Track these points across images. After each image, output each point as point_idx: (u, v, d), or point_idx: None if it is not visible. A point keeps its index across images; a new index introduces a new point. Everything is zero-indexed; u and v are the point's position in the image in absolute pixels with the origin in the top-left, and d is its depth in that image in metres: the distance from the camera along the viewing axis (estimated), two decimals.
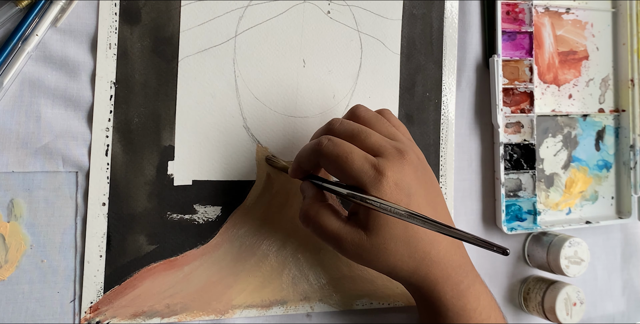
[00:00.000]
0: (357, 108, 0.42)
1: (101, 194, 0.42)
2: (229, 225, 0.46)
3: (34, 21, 0.41)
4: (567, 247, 0.54)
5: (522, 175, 0.57)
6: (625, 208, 0.62)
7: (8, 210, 0.41)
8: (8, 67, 0.40)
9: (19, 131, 0.41)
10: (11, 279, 0.41)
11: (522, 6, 0.57)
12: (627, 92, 0.62)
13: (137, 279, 0.43)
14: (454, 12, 0.54)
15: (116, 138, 0.43)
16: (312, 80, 0.49)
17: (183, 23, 0.45)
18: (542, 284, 0.56)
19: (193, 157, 0.45)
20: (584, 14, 0.61)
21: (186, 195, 0.45)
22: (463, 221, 0.55)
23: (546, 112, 0.59)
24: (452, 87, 0.54)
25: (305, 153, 0.40)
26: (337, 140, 0.38)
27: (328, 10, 0.49)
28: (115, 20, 0.43)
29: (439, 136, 0.53)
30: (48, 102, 0.41)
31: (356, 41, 0.50)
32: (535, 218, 0.56)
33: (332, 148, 0.38)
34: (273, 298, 0.47)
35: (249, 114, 0.47)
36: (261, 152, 0.47)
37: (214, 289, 0.45)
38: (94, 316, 0.42)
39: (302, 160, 0.41)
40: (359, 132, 0.39)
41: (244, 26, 0.47)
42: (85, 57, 0.42)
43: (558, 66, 0.60)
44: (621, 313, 0.64)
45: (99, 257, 0.42)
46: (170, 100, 0.45)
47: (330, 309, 0.49)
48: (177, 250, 0.45)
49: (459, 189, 0.55)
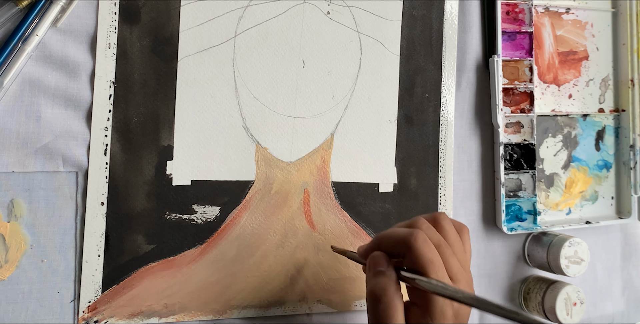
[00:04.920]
0: (443, 218, 0.41)
1: (100, 193, 0.43)
2: (228, 225, 0.46)
3: (34, 21, 0.41)
4: (567, 247, 0.54)
5: (522, 175, 0.57)
6: (625, 208, 0.62)
7: (8, 210, 0.41)
8: (8, 67, 0.40)
9: (19, 131, 0.41)
10: (11, 279, 0.41)
11: (522, 6, 0.57)
12: (627, 92, 0.62)
13: (135, 279, 0.43)
14: (454, 13, 0.54)
15: (115, 137, 0.43)
16: (311, 80, 0.49)
17: (183, 23, 0.45)
18: (542, 284, 0.56)
19: (192, 156, 0.45)
20: (584, 14, 0.61)
21: (185, 194, 0.45)
22: (463, 221, 0.55)
23: (546, 112, 0.59)
24: (451, 88, 0.54)
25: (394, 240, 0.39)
26: (432, 246, 0.38)
27: (328, 11, 0.49)
28: (114, 20, 0.43)
29: (438, 137, 0.53)
30: (48, 102, 0.42)
31: (356, 42, 0.50)
32: (535, 218, 0.56)
33: (428, 251, 0.37)
34: (271, 299, 0.47)
35: (248, 114, 0.47)
36: (260, 152, 0.47)
37: (212, 289, 0.45)
38: (91, 316, 0.42)
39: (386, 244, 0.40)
40: (445, 249, 0.39)
41: (244, 26, 0.47)
42: (85, 57, 0.42)
43: (558, 66, 0.60)
44: (621, 313, 0.64)
45: (97, 256, 0.42)
46: (169, 100, 0.45)
47: (329, 310, 0.49)
48: (176, 249, 0.45)
49: (459, 189, 0.55)
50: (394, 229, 0.40)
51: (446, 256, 0.38)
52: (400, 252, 0.39)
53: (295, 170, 0.48)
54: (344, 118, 0.50)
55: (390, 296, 0.38)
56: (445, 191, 0.54)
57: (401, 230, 0.39)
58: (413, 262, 0.38)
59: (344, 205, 0.50)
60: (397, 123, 0.52)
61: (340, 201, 0.50)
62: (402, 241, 0.38)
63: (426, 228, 0.39)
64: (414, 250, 0.37)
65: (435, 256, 0.37)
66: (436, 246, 0.38)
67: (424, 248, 0.37)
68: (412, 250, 0.37)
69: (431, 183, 0.53)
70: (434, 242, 0.38)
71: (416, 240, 0.37)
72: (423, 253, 0.37)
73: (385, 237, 0.40)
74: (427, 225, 0.40)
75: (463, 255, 0.41)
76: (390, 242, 0.39)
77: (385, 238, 0.40)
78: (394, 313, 0.38)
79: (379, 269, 0.39)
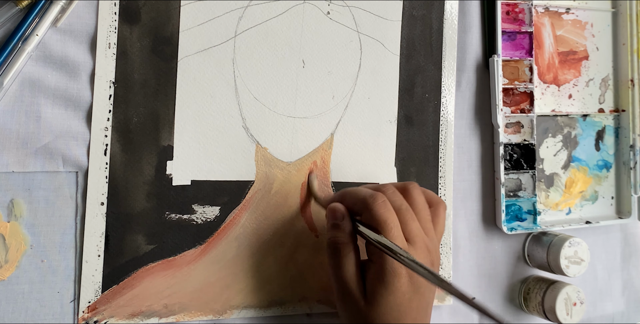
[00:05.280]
0: (413, 187, 0.43)
1: (100, 193, 0.43)
2: (228, 225, 0.46)
3: (34, 21, 0.41)
4: (567, 247, 0.54)
5: (522, 175, 0.57)
6: (625, 208, 0.62)
7: (8, 210, 0.41)
8: (8, 67, 0.40)
9: (19, 131, 0.41)
10: (11, 280, 0.41)
11: (522, 6, 0.57)
12: (627, 92, 0.62)
13: (135, 279, 0.43)
14: (454, 13, 0.54)
15: (115, 137, 0.43)
16: (311, 80, 0.49)
17: (182, 23, 0.45)
18: (542, 284, 0.56)
19: (192, 156, 0.45)
20: (584, 14, 0.61)
21: (185, 195, 0.45)
22: (463, 221, 0.55)
23: (546, 112, 0.59)
24: (451, 88, 0.54)
25: (355, 197, 0.42)
26: (390, 207, 0.40)
27: (328, 11, 0.49)
28: (114, 20, 0.43)
29: (438, 137, 0.53)
30: (48, 102, 0.42)
31: (356, 42, 0.50)
32: (535, 218, 0.56)
33: (384, 211, 0.40)
34: (271, 299, 0.47)
35: (248, 114, 0.47)
36: (260, 152, 0.47)
37: (212, 289, 0.45)
38: (91, 316, 0.42)
39: (348, 200, 0.42)
40: (405, 212, 0.41)
41: (244, 26, 0.47)
42: (85, 57, 0.42)
43: (558, 66, 0.60)
44: (621, 313, 0.64)
45: (97, 257, 0.42)
46: (169, 100, 0.45)
47: (329, 310, 0.49)
48: (176, 250, 0.45)
49: (459, 189, 0.55)
50: (359, 188, 0.43)
51: (406, 219, 0.41)
52: (359, 210, 0.41)
53: (295, 170, 0.48)
54: (344, 118, 0.50)
55: (343, 247, 0.41)
56: (445, 191, 0.54)
57: (364, 190, 0.42)
58: (369, 221, 0.40)
59: None
60: (397, 123, 0.52)
61: None
62: (361, 200, 0.41)
63: (390, 194, 0.42)
64: (370, 209, 0.40)
65: (391, 217, 0.40)
66: (396, 209, 0.41)
67: (380, 209, 0.40)
68: (368, 209, 0.40)
69: (431, 183, 0.53)
70: (394, 206, 0.41)
71: (374, 201, 0.40)
72: (378, 213, 0.40)
73: (348, 194, 0.43)
74: (392, 190, 0.42)
75: (427, 222, 0.43)
76: (352, 199, 0.42)
77: (348, 194, 0.43)
78: (347, 263, 0.41)
79: (335, 221, 0.42)
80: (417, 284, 0.40)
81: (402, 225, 0.40)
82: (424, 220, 0.42)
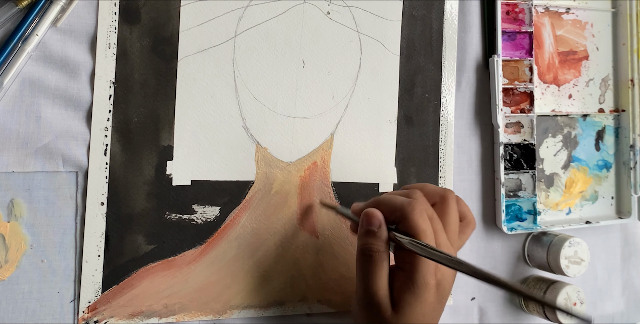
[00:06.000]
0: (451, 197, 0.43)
1: (100, 194, 0.43)
2: (228, 226, 0.46)
3: (34, 21, 0.41)
4: (567, 247, 0.54)
5: (522, 175, 0.57)
6: (625, 208, 0.62)
7: (8, 210, 0.41)
8: (8, 67, 0.40)
9: (19, 131, 0.41)
10: (11, 280, 0.41)
11: (522, 6, 0.57)
12: (627, 92, 0.62)
13: (135, 279, 0.43)
14: (454, 13, 0.54)
15: (115, 137, 0.43)
16: (311, 80, 0.49)
17: (183, 23, 0.45)
18: (542, 284, 0.56)
19: (192, 157, 0.45)
20: (584, 14, 0.61)
21: (185, 195, 0.45)
22: None
23: (546, 112, 0.59)
24: (451, 88, 0.54)
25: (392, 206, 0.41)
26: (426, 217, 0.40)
27: (328, 11, 0.49)
28: (114, 20, 0.43)
29: (438, 137, 0.53)
30: (48, 102, 0.42)
31: (356, 42, 0.50)
32: (535, 218, 0.56)
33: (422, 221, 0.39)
34: (271, 299, 0.47)
35: (248, 114, 0.47)
36: (260, 152, 0.47)
37: (212, 289, 0.45)
38: (91, 316, 0.42)
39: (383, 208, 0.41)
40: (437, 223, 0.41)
41: (244, 26, 0.47)
42: (85, 57, 0.42)
43: (558, 66, 0.60)
44: (621, 313, 0.64)
45: (97, 257, 0.42)
46: (169, 100, 0.45)
47: (329, 310, 0.49)
48: (176, 250, 0.45)
49: (459, 189, 0.55)
50: (392, 196, 0.42)
51: (437, 230, 0.40)
52: (395, 218, 0.40)
53: (295, 170, 0.48)
54: (344, 119, 0.50)
55: (378, 255, 0.40)
56: None
57: (400, 198, 0.41)
58: (407, 229, 0.39)
59: (344, 205, 0.50)
60: (397, 123, 0.52)
61: (340, 201, 0.50)
62: (399, 209, 0.40)
63: (423, 201, 0.41)
64: (410, 219, 0.39)
65: (429, 227, 0.39)
66: (429, 219, 0.40)
67: (419, 219, 0.39)
68: (408, 218, 0.39)
69: (431, 183, 0.53)
70: (427, 215, 0.40)
71: (413, 210, 0.39)
72: (418, 223, 0.39)
73: (383, 202, 0.42)
74: (423, 198, 0.42)
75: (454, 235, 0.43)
76: (388, 208, 0.41)
77: (383, 202, 0.42)
78: (379, 271, 0.40)
79: (371, 228, 0.41)
80: (442, 295, 0.40)
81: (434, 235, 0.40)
82: (452, 232, 0.42)
